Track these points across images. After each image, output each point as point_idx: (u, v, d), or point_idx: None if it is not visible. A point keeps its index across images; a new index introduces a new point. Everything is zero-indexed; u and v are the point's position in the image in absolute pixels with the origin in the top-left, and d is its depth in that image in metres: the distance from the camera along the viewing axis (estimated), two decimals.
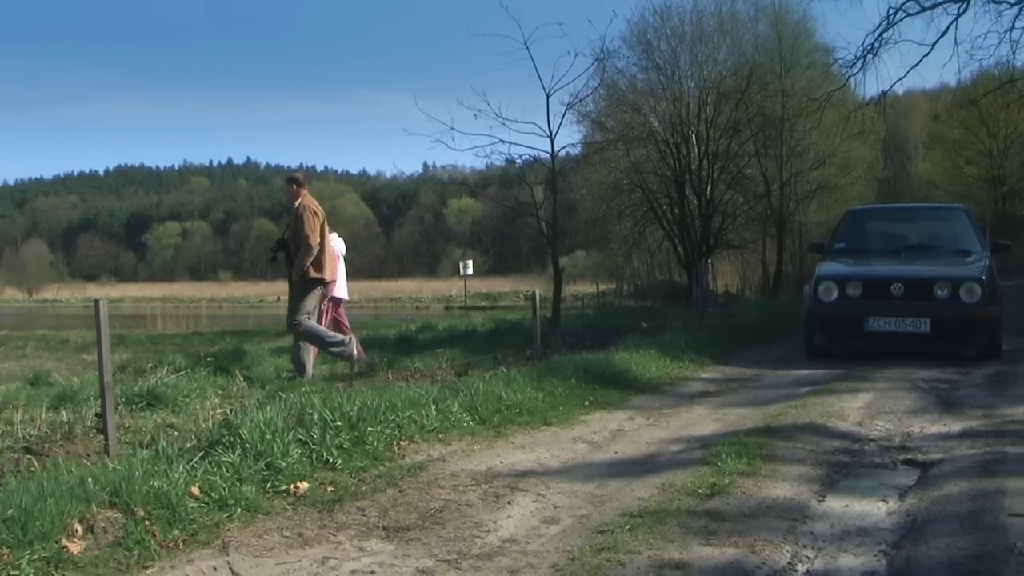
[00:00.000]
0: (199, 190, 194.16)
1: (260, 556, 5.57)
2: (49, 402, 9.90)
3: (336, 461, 7.46)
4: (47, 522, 5.36)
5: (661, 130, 36.68)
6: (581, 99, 26.12)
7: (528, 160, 25.26)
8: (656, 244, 43.47)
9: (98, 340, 7.60)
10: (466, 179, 69.54)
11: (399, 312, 66.35)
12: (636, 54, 37.53)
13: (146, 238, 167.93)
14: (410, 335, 22.32)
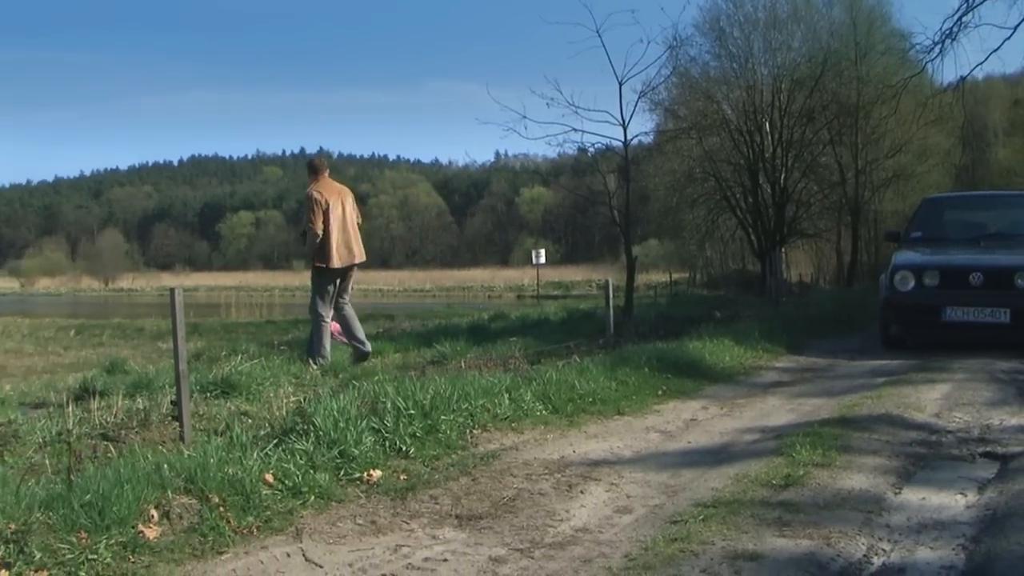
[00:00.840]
0: (272, 180, 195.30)
1: (333, 543, 5.59)
2: (125, 389, 9.99)
3: (409, 449, 7.47)
4: (124, 507, 5.41)
5: (734, 118, 36.39)
6: (654, 87, 25.96)
7: (601, 149, 25.19)
8: (729, 233, 43.12)
9: (173, 328, 7.66)
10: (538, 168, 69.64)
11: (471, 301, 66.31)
12: (709, 41, 37.22)
13: (220, 227, 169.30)
14: (483, 324, 22.32)
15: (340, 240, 12.89)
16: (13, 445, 7.31)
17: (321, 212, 12.80)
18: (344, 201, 13.08)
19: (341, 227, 12.91)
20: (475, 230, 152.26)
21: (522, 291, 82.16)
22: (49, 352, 27.06)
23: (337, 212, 12.88)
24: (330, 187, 13.11)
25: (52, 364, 23.01)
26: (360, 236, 13.30)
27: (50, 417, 8.23)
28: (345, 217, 12.99)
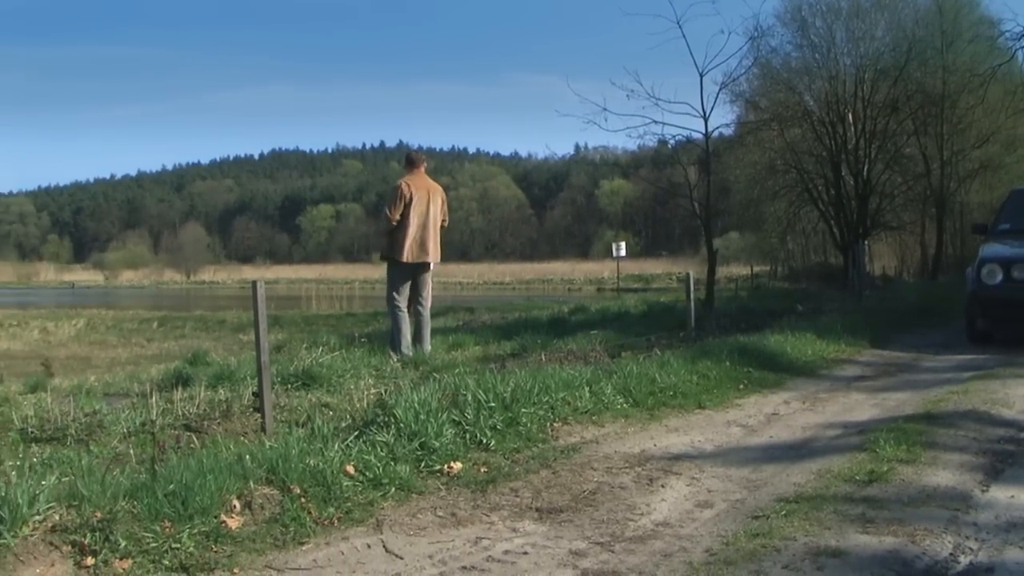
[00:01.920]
0: (352, 173, 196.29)
1: (413, 535, 5.61)
2: (207, 381, 10.07)
3: (489, 442, 7.48)
4: (206, 497, 5.46)
5: (816, 109, 35.98)
6: (735, 78, 25.70)
7: (681, 140, 24.99)
8: (811, 225, 42.70)
9: (255, 320, 7.71)
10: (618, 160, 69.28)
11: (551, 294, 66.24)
12: (791, 32, 36.77)
13: (300, 220, 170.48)
14: (563, 317, 22.27)
15: (415, 236, 12.82)
16: (98, 435, 7.39)
17: (402, 204, 12.77)
18: (432, 198, 13.00)
19: (421, 224, 12.83)
20: (555, 223, 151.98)
21: (602, 284, 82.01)
22: (133, 344, 27.53)
23: (420, 208, 12.82)
24: (420, 182, 13.04)
25: (136, 355, 23.41)
26: (440, 237, 13.21)
27: (134, 408, 8.31)
28: (428, 214, 12.90)
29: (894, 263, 49.06)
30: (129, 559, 4.96)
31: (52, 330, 32.79)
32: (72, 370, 18.42)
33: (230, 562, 5.08)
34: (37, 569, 4.82)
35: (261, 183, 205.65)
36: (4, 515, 4.95)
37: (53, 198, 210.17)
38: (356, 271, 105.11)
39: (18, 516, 4.97)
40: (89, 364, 21.40)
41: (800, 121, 36.12)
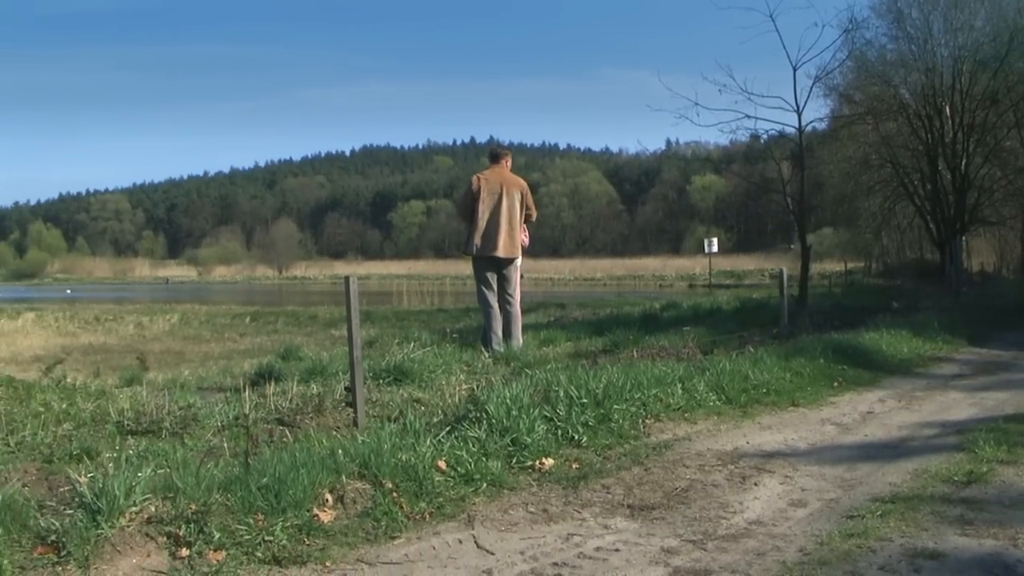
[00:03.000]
0: (443, 169, 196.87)
1: (505, 531, 5.60)
2: (300, 375, 10.14)
3: (581, 438, 7.46)
4: (299, 491, 5.49)
5: (912, 102, 35.33)
6: (828, 72, 25.34)
7: (774, 135, 24.78)
8: (907, 221, 42.05)
9: (348, 316, 7.74)
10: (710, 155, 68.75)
11: (642, 290, 66.14)
12: (886, 23, 36.06)
13: (391, 216, 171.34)
14: (654, 313, 22.19)
15: (484, 230, 12.77)
16: (193, 428, 7.46)
17: (470, 198, 12.79)
18: (506, 193, 12.93)
19: (491, 218, 12.81)
20: (646, 218, 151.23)
21: (694, 280, 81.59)
22: (225, 338, 27.83)
23: (489, 202, 12.73)
24: (498, 176, 12.98)
25: (228, 350, 23.64)
26: (516, 231, 13.11)
27: (227, 402, 8.39)
28: (500, 209, 12.84)
29: (992, 259, 48.26)
30: (223, 551, 5.01)
31: (147, 325, 33.26)
32: (166, 364, 18.71)
33: (322, 555, 5.11)
34: (133, 559, 4.87)
35: (353, 179, 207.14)
36: (102, 506, 5.02)
37: (148, 195, 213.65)
38: (447, 267, 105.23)
39: (115, 507, 5.03)
40: (183, 358, 21.70)
41: (895, 115, 35.50)
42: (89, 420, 7.85)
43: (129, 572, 4.80)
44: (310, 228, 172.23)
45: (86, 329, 33.24)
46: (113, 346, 26.77)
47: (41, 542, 4.85)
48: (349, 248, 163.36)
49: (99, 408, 8.28)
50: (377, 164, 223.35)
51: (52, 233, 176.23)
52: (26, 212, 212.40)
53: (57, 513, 5.10)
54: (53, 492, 5.53)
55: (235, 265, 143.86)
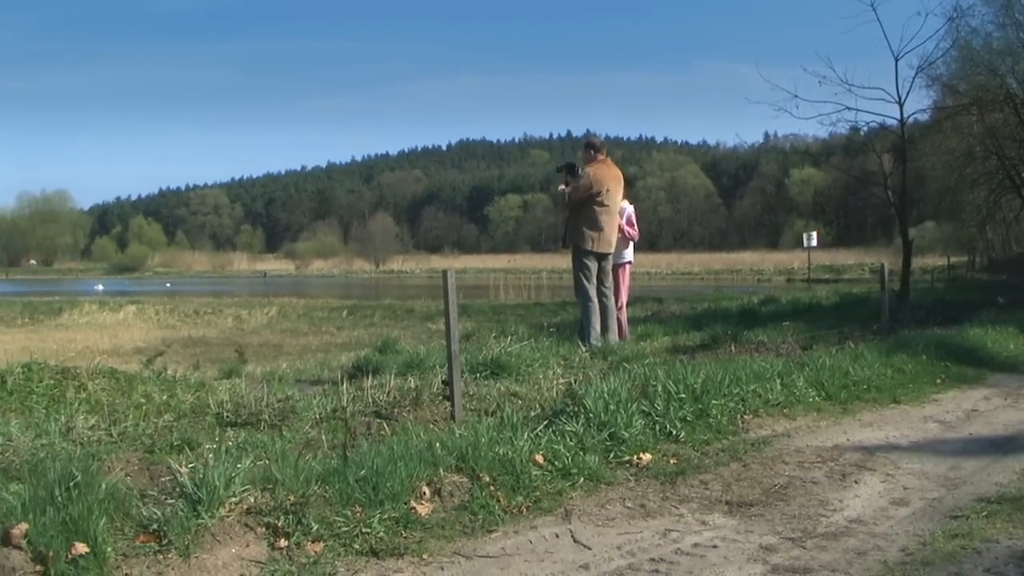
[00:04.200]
0: (539, 163, 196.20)
1: (602, 525, 5.58)
2: (397, 369, 10.19)
3: (679, 433, 7.41)
4: (397, 484, 5.52)
5: (1020, 92, 34.66)
6: (931, 62, 24.92)
7: (874, 127, 24.41)
8: (1012, 215, 41.16)
9: (446, 309, 7.75)
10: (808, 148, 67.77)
11: (740, 284, 65.69)
12: (992, 10, 35.06)
13: (487, 210, 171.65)
14: (752, 308, 22.03)
15: (599, 225, 12.74)
16: (291, 420, 7.53)
17: (587, 193, 12.73)
18: (615, 187, 12.92)
19: (599, 212, 12.75)
20: (744, 212, 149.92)
21: (792, 274, 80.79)
22: (323, 332, 28.06)
23: (603, 197, 12.74)
24: (605, 171, 12.96)
25: (326, 343, 23.84)
26: (617, 226, 13.09)
27: (325, 394, 8.46)
28: (608, 203, 12.81)
29: None
30: (321, 542, 5.04)
31: (245, 318, 33.62)
32: (264, 357, 18.90)
33: (419, 548, 5.13)
34: (233, 549, 4.92)
35: (449, 173, 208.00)
36: (202, 496, 5.08)
37: (246, 189, 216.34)
38: (544, 261, 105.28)
39: (215, 497, 5.09)
40: (281, 351, 21.91)
41: (1002, 105, 34.70)
42: (189, 411, 7.96)
43: (228, 562, 4.85)
44: (407, 222, 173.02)
45: (186, 322, 33.71)
46: (212, 339, 27.11)
47: (143, 530, 4.92)
48: (445, 242, 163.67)
49: (199, 400, 8.40)
50: (473, 158, 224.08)
51: (152, 227, 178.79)
52: (127, 207, 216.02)
53: (158, 502, 5.16)
54: (155, 482, 5.59)
55: (332, 259, 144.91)
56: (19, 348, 20.92)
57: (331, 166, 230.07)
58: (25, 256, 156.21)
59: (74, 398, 8.72)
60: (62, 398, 8.76)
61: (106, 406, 8.27)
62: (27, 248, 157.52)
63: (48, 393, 8.92)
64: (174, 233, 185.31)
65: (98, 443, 6.77)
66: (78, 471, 5.12)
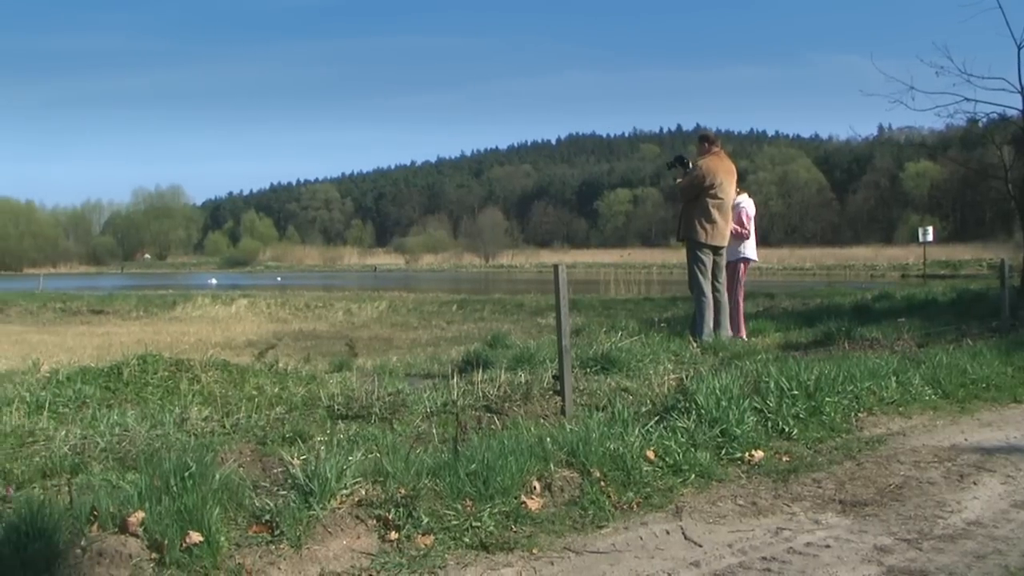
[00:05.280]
0: (649, 157, 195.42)
1: (713, 523, 5.53)
2: (507, 363, 10.18)
3: (792, 431, 7.32)
4: (507, 478, 5.52)
5: None
6: None
7: (994, 119, 23.85)
8: None
9: (557, 304, 7.74)
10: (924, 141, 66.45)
11: (853, 280, 64.66)
12: None
13: (597, 205, 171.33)
14: (866, 304, 21.64)
15: (714, 218, 12.65)
16: (402, 414, 7.56)
17: (695, 185, 12.65)
18: (729, 181, 12.83)
19: (714, 206, 12.67)
20: (857, 206, 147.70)
21: (906, 270, 79.46)
22: (433, 326, 28.16)
23: (713, 190, 12.64)
24: (719, 164, 12.87)
25: (436, 337, 23.91)
26: (730, 220, 13.00)
27: (435, 388, 8.48)
28: (723, 197, 12.73)
29: None
30: (431, 535, 5.06)
31: (355, 312, 33.85)
32: (374, 350, 19.01)
33: (529, 543, 5.12)
34: (344, 541, 4.95)
35: (559, 168, 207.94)
36: (314, 488, 5.12)
37: (356, 184, 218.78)
38: (654, 255, 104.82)
39: (327, 489, 5.14)
40: (391, 345, 22.02)
41: None
42: (300, 404, 8.04)
43: (339, 553, 4.88)
44: (516, 216, 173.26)
45: (296, 315, 34.07)
46: (323, 332, 27.34)
47: (256, 521, 4.98)
48: (555, 236, 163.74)
49: (310, 392, 8.49)
50: (583, 152, 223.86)
51: (264, 222, 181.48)
52: (239, 202, 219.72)
53: (271, 493, 5.22)
54: (267, 473, 5.66)
55: (442, 253, 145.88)
56: (134, 341, 21.30)
57: (441, 161, 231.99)
58: (140, 251, 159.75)
59: (188, 390, 8.87)
60: (176, 390, 8.91)
61: (219, 398, 8.40)
62: (142, 243, 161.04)
63: (163, 385, 9.08)
64: (285, 228, 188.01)
65: (211, 434, 6.87)
66: (193, 461, 5.20)
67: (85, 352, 19.51)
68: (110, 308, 37.07)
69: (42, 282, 61.23)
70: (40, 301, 38.49)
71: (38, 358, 13.31)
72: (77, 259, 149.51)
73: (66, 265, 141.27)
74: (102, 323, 32.82)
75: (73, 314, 35.87)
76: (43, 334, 27.89)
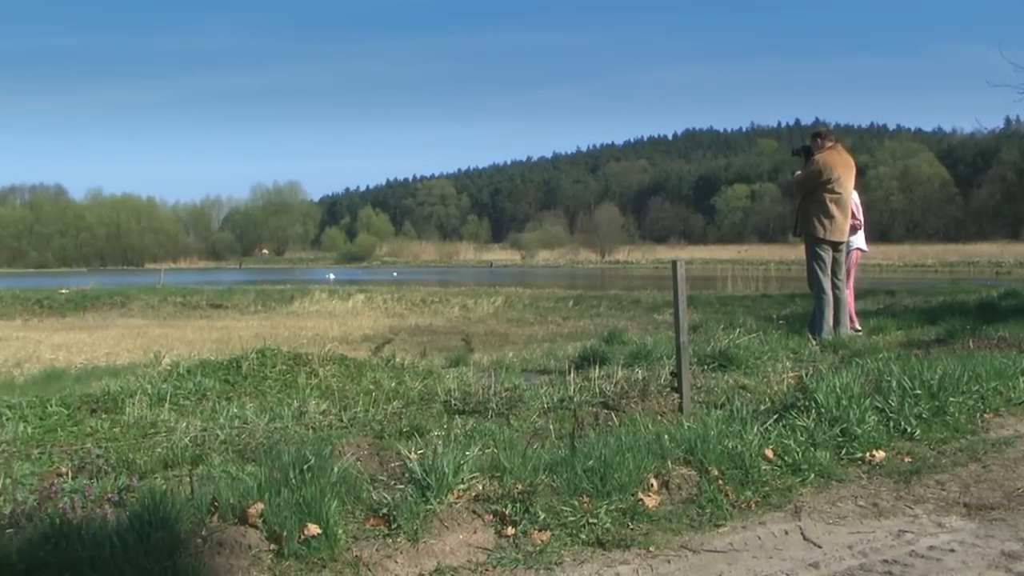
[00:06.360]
0: (767, 152, 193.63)
1: (832, 524, 5.45)
2: (624, 359, 10.14)
3: (914, 431, 7.18)
4: (625, 475, 5.51)
5: None
6: None
7: None
8: None
9: (675, 300, 7.70)
10: None
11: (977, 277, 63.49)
12: None
13: (714, 200, 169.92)
14: (991, 301, 21.21)
15: (827, 212, 12.49)
16: (518, 409, 7.58)
17: (812, 179, 12.51)
18: (848, 175, 12.68)
19: (833, 200, 12.52)
20: (982, 201, 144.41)
21: None
22: (548, 321, 28.20)
23: (836, 185, 12.49)
24: (837, 158, 12.72)
25: (552, 333, 23.94)
26: (849, 215, 12.84)
27: (552, 384, 8.49)
28: (842, 191, 12.57)
29: None
30: (547, 531, 5.06)
31: (471, 307, 34.00)
32: (490, 346, 19.07)
33: (645, 540, 5.10)
34: (460, 535, 4.97)
35: (675, 163, 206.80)
36: (431, 482, 5.15)
37: (472, 180, 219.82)
38: (772, 251, 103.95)
39: (444, 484, 5.16)
40: (507, 340, 22.08)
41: None
42: (417, 398, 8.10)
43: (456, 548, 4.89)
44: (632, 212, 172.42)
45: (412, 310, 34.32)
46: (439, 327, 27.51)
47: (373, 514, 5.02)
48: (671, 232, 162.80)
49: (427, 387, 8.54)
50: (700, 147, 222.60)
51: (380, 218, 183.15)
52: (356, 198, 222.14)
53: (388, 487, 5.26)
54: (384, 467, 5.70)
55: (558, 249, 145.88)
56: (252, 335, 21.65)
57: (557, 156, 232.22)
58: (258, 246, 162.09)
59: (306, 383, 8.99)
60: (294, 383, 9.03)
61: (336, 392, 8.48)
62: (260, 238, 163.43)
63: (281, 378, 9.21)
64: (401, 223, 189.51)
65: (329, 428, 6.94)
66: (311, 454, 5.26)
67: (204, 346, 19.90)
68: (229, 302, 37.76)
69: (163, 277, 62.59)
70: (161, 295, 39.24)
71: (159, 351, 13.60)
72: (197, 254, 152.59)
73: (186, 260, 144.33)
74: (221, 317, 33.43)
75: (193, 308, 36.56)
76: (164, 328, 28.49)
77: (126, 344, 22.92)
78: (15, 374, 16.80)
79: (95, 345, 22.88)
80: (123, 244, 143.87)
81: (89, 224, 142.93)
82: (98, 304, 37.33)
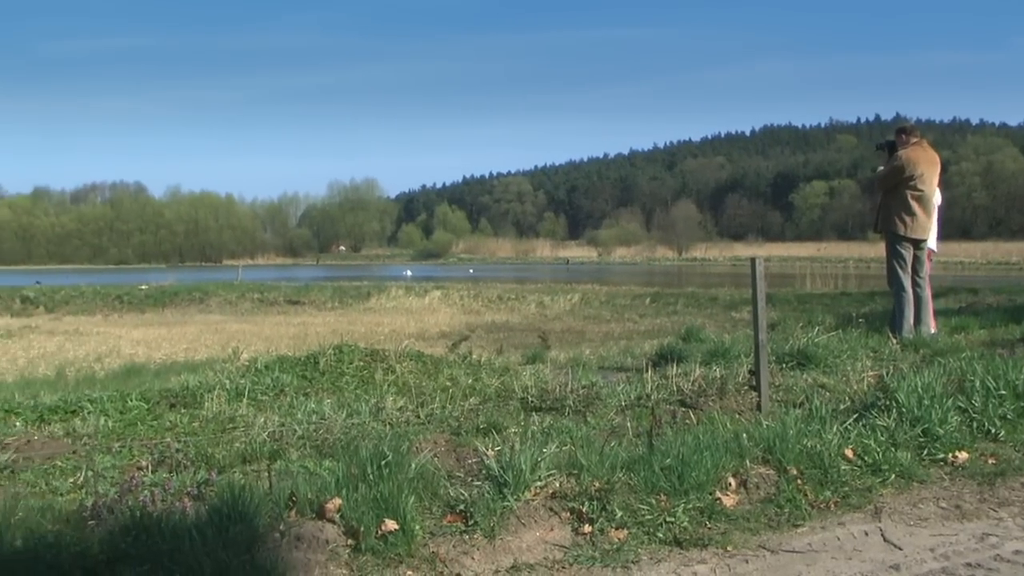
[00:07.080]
0: (846, 148, 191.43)
1: (913, 525, 5.39)
2: (701, 357, 10.08)
3: (998, 432, 7.05)
4: (702, 474, 5.48)
5: None
6: None
7: None
8: None
9: (753, 298, 7.65)
10: None
11: None
12: None
13: (792, 197, 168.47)
14: None
15: (908, 209, 12.33)
16: (595, 407, 7.55)
17: (895, 175, 12.36)
18: (932, 172, 12.50)
19: (915, 197, 12.35)
20: None
21: None
22: (625, 319, 28.18)
23: (918, 182, 12.33)
24: (920, 154, 12.55)
25: (628, 330, 23.91)
26: (933, 212, 12.67)
27: (629, 381, 8.47)
28: (924, 188, 12.39)
29: None
30: (625, 529, 5.04)
31: (548, 304, 34.08)
32: (567, 343, 19.08)
33: (723, 539, 5.07)
34: (537, 532, 4.97)
35: (753, 160, 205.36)
36: (508, 479, 5.16)
37: (549, 177, 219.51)
38: (851, 249, 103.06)
39: (521, 481, 5.16)
40: (583, 338, 22.07)
41: None
42: (494, 395, 8.11)
43: (532, 544, 4.89)
44: (710, 209, 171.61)
45: (489, 307, 34.44)
46: (515, 324, 27.58)
47: (450, 511, 5.04)
48: (749, 229, 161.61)
49: (503, 384, 8.54)
50: (778, 144, 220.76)
51: (457, 215, 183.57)
52: (432, 195, 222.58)
53: (465, 484, 5.28)
54: (461, 463, 5.71)
55: (635, 246, 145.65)
56: (329, 331, 21.83)
57: (633, 153, 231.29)
58: (335, 243, 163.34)
59: (383, 380, 9.03)
60: (371, 379, 9.07)
61: (413, 388, 8.52)
62: (337, 235, 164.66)
63: (358, 375, 9.26)
64: (478, 220, 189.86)
65: (406, 424, 6.96)
66: (389, 450, 5.28)
67: (282, 341, 20.10)
68: (306, 299, 38.17)
69: (241, 273, 63.32)
70: (239, 291, 39.74)
71: (237, 346, 13.72)
72: (274, 251, 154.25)
73: (264, 257, 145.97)
74: (298, 313, 33.78)
75: (270, 304, 36.98)
76: (242, 323, 28.85)
77: (204, 340, 23.21)
78: (96, 368, 17.07)
79: (174, 340, 23.20)
80: (201, 241, 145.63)
81: (168, 221, 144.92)
82: (177, 300, 37.92)
